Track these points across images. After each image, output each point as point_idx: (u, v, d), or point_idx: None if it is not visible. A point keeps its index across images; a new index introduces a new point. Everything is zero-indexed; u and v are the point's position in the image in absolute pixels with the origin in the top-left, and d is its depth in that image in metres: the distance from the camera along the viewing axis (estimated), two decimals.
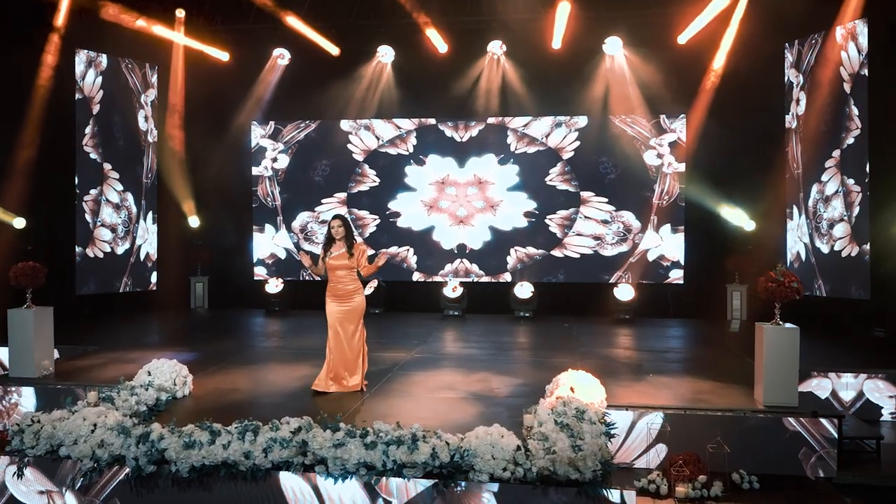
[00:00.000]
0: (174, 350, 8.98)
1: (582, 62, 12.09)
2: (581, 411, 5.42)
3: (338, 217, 7.00)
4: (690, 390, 6.97)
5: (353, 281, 6.94)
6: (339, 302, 6.91)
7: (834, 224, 10.61)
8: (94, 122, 12.02)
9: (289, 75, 12.86)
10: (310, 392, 6.80)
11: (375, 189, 13.19)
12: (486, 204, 12.91)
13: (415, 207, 13.12)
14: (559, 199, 12.76)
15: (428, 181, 13.03)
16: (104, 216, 12.22)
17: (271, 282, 12.76)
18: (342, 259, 6.88)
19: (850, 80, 10.25)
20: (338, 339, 6.88)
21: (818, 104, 10.83)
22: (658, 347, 9.51)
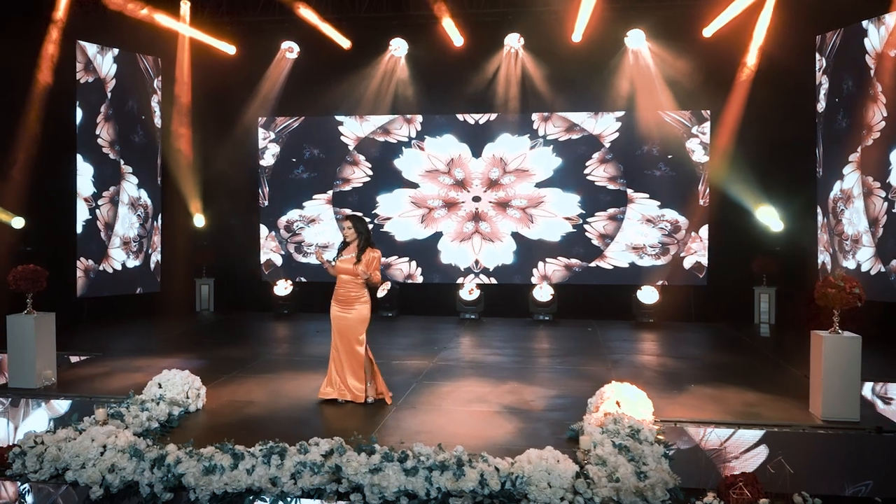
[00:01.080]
0: (182, 357, 8.54)
1: (604, 56, 11.58)
2: (635, 430, 4.98)
3: (349, 218, 6.56)
4: (739, 402, 6.54)
5: (359, 288, 6.50)
6: (341, 308, 6.55)
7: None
8: (107, 114, 11.59)
9: (297, 70, 12.36)
10: (331, 406, 6.34)
11: (368, 184, 12.55)
12: (513, 205, 12.32)
13: (411, 210, 12.46)
14: (603, 198, 12.06)
15: (428, 172, 12.41)
16: (118, 228, 11.83)
17: (280, 284, 12.28)
18: (348, 264, 6.46)
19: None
20: (341, 345, 6.53)
21: (841, 99, 10.43)
22: (690, 354, 9.06)
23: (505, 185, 12.28)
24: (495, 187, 12.27)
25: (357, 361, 6.43)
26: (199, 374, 6.67)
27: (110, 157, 11.68)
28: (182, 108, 12.00)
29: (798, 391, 6.96)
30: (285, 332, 10.63)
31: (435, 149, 12.38)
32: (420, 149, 12.38)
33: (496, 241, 12.33)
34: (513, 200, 12.24)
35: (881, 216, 9.88)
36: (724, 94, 11.15)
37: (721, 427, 5.79)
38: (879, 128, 10.19)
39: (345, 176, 12.59)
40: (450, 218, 12.42)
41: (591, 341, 9.80)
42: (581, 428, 5.44)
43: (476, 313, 11.70)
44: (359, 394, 6.40)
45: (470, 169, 12.36)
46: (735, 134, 11.23)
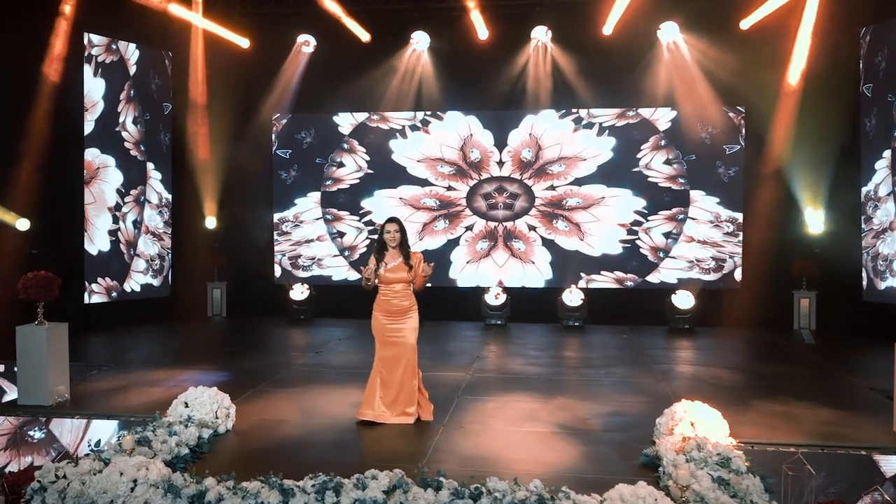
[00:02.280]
0: (200, 369, 8.01)
1: (637, 50, 11.07)
2: (725, 458, 4.46)
3: (394, 220, 6.02)
4: (813, 420, 6.04)
5: (409, 295, 6.02)
6: (392, 319, 5.97)
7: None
8: (128, 112, 11.17)
9: (314, 64, 11.81)
10: (371, 427, 5.81)
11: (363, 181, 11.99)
12: (565, 207, 11.75)
13: (410, 216, 11.74)
14: (662, 199, 11.47)
15: (436, 166, 11.94)
16: (141, 247, 11.45)
17: (296, 287, 11.74)
18: (400, 271, 5.92)
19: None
20: (389, 362, 5.93)
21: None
22: (741, 364, 8.53)
23: (554, 173, 11.62)
24: (542, 176, 11.65)
25: (411, 377, 5.91)
26: (223, 389, 6.14)
27: (138, 158, 11.31)
28: (195, 105, 11.47)
29: (873, 407, 6.49)
30: (305, 340, 10.09)
31: (442, 130, 11.81)
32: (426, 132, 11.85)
33: (527, 261, 11.73)
34: (566, 200, 11.57)
35: None
36: (763, 90, 10.65)
37: (803, 449, 5.28)
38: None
39: (336, 175, 12.03)
40: (455, 229, 11.84)
41: (630, 349, 9.29)
42: (656, 453, 4.93)
43: (502, 318, 11.18)
44: (409, 419, 5.88)
45: (486, 146, 11.68)
46: (775, 131, 10.74)
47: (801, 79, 10.33)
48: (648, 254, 11.45)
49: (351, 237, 12.06)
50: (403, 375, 5.90)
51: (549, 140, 11.56)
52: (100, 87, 10.77)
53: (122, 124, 11.06)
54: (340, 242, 12.09)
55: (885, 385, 7.21)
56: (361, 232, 12.02)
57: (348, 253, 12.06)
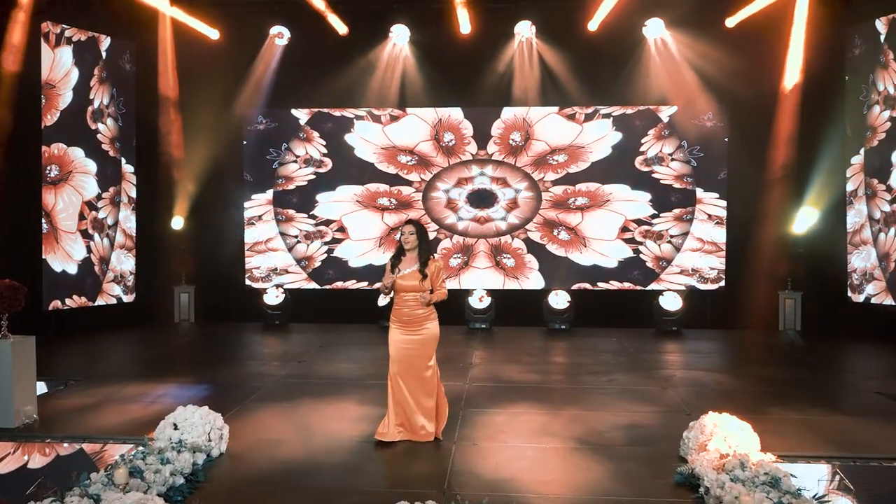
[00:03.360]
0: (177, 382, 7.47)
1: (623, 46, 10.84)
2: (774, 478, 4.18)
3: (411, 222, 5.60)
4: (834, 430, 5.84)
5: (425, 305, 5.54)
6: (407, 330, 5.51)
7: None
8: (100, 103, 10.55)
9: (289, 58, 11.26)
10: (379, 446, 5.39)
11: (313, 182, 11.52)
12: (570, 206, 11.50)
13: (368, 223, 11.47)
14: (666, 199, 11.22)
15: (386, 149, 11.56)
16: (114, 263, 10.86)
17: (270, 291, 11.19)
18: (413, 279, 5.47)
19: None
20: (406, 376, 5.49)
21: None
22: (742, 369, 8.33)
23: (555, 164, 11.28)
24: (542, 167, 11.29)
25: (428, 391, 5.49)
26: (206, 405, 5.63)
27: (110, 154, 10.74)
28: (163, 98, 10.82)
29: (888, 413, 6.33)
30: (284, 348, 9.58)
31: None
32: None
33: (520, 277, 11.40)
34: (572, 199, 11.24)
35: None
36: (748, 88, 10.52)
37: (835, 461, 5.06)
38: (885, 128, 9.81)
39: (286, 173, 11.52)
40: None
41: (624, 354, 9.04)
42: (691, 471, 4.63)
43: (487, 322, 10.84)
44: (428, 435, 5.46)
45: (464, 133, 11.28)
46: (760, 131, 10.64)
47: (787, 78, 10.27)
48: (651, 264, 11.23)
49: (304, 246, 11.53)
50: (419, 392, 5.47)
51: (543, 128, 11.24)
52: (72, 76, 10.13)
53: (95, 118, 10.39)
54: (301, 252, 11.54)
55: (890, 388, 7.16)
56: (313, 241, 11.48)
57: (306, 263, 11.51)
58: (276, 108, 11.42)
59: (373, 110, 11.32)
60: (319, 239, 11.47)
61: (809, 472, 4.84)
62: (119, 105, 10.78)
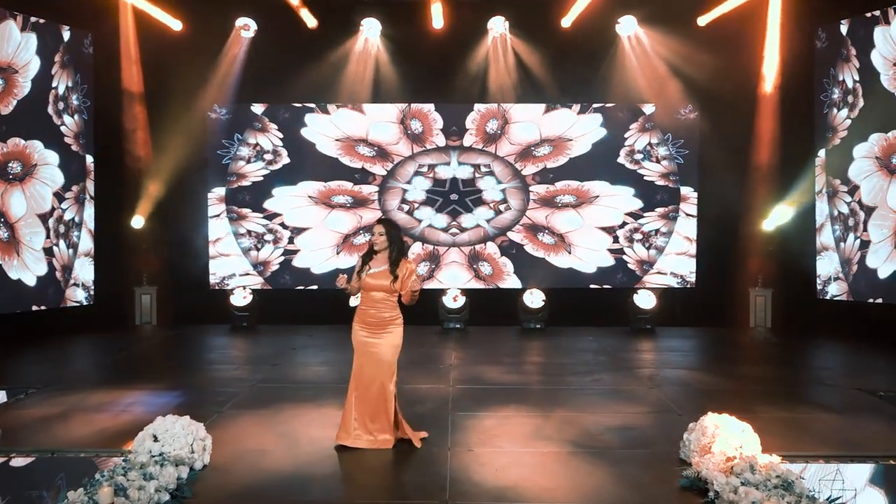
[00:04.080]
0: (146, 389, 7.11)
1: (597, 43, 10.78)
2: (786, 481, 4.11)
3: (382, 222, 5.37)
4: (825, 428, 5.85)
5: (392, 308, 5.32)
6: (370, 332, 5.28)
7: None
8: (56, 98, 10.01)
9: (255, 51, 10.88)
10: (371, 454, 5.16)
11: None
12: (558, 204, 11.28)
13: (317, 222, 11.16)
14: (652, 196, 11.14)
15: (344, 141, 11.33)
16: (77, 270, 10.37)
17: (237, 292, 10.82)
18: (382, 279, 5.24)
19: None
20: (363, 380, 5.28)
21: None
22: (722, 367, 8.29)
23: (541, 156, 11.12)
24: (528, 159, 11.14)
25: (386, 398, 5.25)
26: (181, 413, 5.31)
27: (73, 149, 10.25)
28: (124, 91, 10.37)
29: (873, 410, 6.37)
30: (255, 351, 9.24)
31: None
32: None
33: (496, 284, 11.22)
34: (560, 196, 11.12)
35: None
36: (719, 87, 10.56)
37: (834, 462, 5.04)
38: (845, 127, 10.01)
39: (240, 170, 11.12)
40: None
41: (604, 353, 8.98)
42: (697, 475, 4.54)
43: (461, 322, 10.66)
44: (387, 444, 5.24)
45: (434, 122, 11.05)
46: (727, 128, 10.68)
47: (761, 76, 10.36)
48: (635, 267, 11.21)
49: (259, 249, 11.16)
50: (378, 396, 5.25)
51: (523, 119, 11.11)
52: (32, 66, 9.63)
53: (59, 111, 9.91)
54: (256, 256, 11.18)
55: (869, 384, 7.23)
56: (264, 242, 11.14)
57: (262, 268, 11.15)
58: (243, 103, 11.04)
59: (338, 106, 11.02)
60: (274, 243, 11.10)
61: (810, 473, 4.80)
62: (81, 97, 10.26)
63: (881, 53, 9.57)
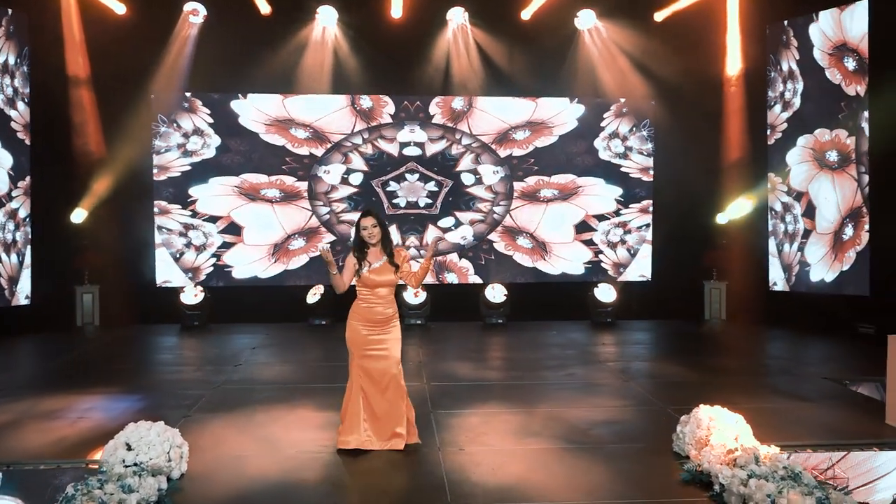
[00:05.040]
0: (101, 394, 6.68)
1: (558, 36, 10.75)
2: (793, 472, 4.09)
3: (371, 214, 5.11)
4: (806, 418, 5.93)
5: (392, 303, 5.14)
6: (376, 329, 5.06)
7: None
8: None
9: (204, 39, 10.39)
10: (356, 457, 4.92)
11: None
12: (540, 198, 11.14)
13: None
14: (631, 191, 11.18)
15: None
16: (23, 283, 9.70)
17: (188, 290, 10.34)
18: (386, 272, 5.04)
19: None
20: (374, 379, 5.04)
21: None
22: (690, 359, 8.23)
23: (519, 140, 11.01)
24: (507, 144, 11.06)
25: (401, 395, 5.07)
26: (143, 418, 4.94)
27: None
28: (65, 77, 9.75)
29: (844, 398, 6.51)
30: (212, 351, 8.82)
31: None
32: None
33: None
34: (542, 190, 11.05)
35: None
36: (673, 81, 10.67)
37: (822, 451, 5.08)
38: (782, 128, 10.32)
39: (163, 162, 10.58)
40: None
41: (571, 347, 8.96)
42: (699, 468, 4.49)
43: (423, 318, 10.48)
44: (400, 443, 5.04)
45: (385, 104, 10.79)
46: (685, 122, 10.81)
47: (719, 69, 10.53)
48: (611, 270, 11.23)
49: (189, 255, 10.67)
50: (392, 394, 5.06)
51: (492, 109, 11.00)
52: None
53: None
54: (186, 262, 10.67)
55: (833, 373, 7.41)
56: (192, 246, 10.64)
57: (192, 275, 10.67)
58: (197, 92, 10.55)
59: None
60: (198, 249, 10.61)
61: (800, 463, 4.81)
62: (21, 83, 9.60)
63: (819, 49, 9.83)
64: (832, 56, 9.69)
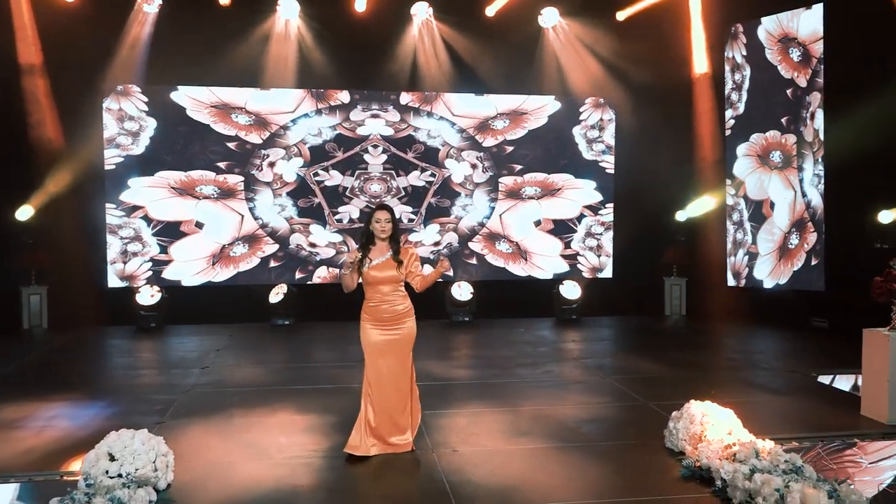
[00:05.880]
0: (65, 400, 6.33)
1: (522, 34, 10.73)
2: (795, 465, 4.15)
3: (385, 208, 4.99)
4: (785, 411, 6.07)
5: (403, 298, 4.99)
6: (385, 328, 4.91)
7: None
8: None
9: (160, 29, 9.99)
10: (353, 461, 4.78)
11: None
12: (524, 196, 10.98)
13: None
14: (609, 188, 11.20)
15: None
16: None
17: (144, 290, 9.93)
18: (388, 269, 4.89)
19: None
20: (384, 380, 4.90)
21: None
22: (663, 355, 8.27)
23: (499, 129, 10.97)
24: (485, 132, 11.02)
25: (406, 397, 4.93)
26: (114, 425, 4.72)
27: None
28: (19, 67, 9.24)
29: (815, 392, 6.68)
30: (176, 353, 8.48)
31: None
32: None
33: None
34: (525, 189, 11.00)
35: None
36: (634, 80, 10.80)
37: (806, 443, 5.19)
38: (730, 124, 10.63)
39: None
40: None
41: (542, 344, 8.97)
42: (697, 464, 4.52)
43: None
44: (406, 445, 4.91)
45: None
46: (648, 119, 10.93)
47: (677, 70, 10.72)
48: (588, 273, 11.26)
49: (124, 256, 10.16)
50: (402, 394, 4.92)
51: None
52: None
53: None
54: (121, 270, 10.17)
55: (800, 367, 7.60)
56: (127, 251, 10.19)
57: (127, 283, 10.19)
58: (150, 85, 10.14)
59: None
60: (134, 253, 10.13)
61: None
62: None
63: (767, 46, 10.12)
64: (778, 49, 9.98)
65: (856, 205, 9.00)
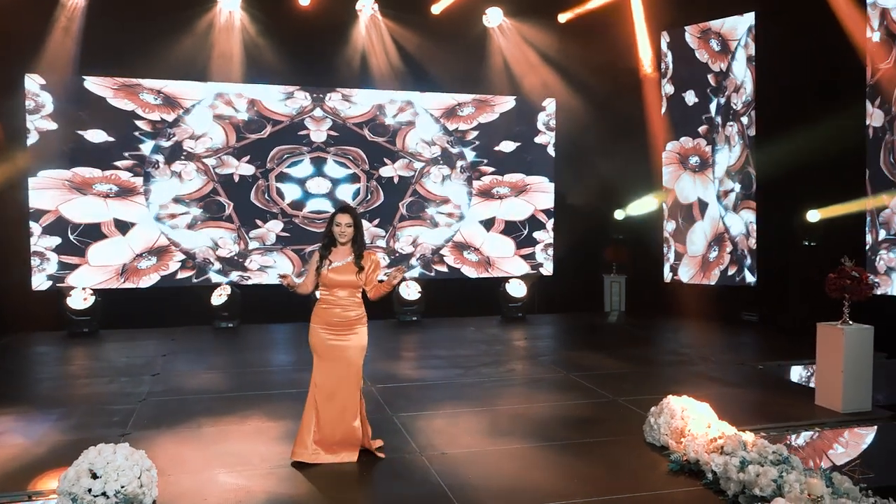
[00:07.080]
0: (10, 413, 5.89)
1: (465, 33, 10.74)
2: (782, 456, 4.33)
3: (347, 211, 4.87)
4: (746, 403, 6.32)
5: (358, 305, 4.85)
6: (336, 333, 4.78)
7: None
8: None
9: (91, 18, 9.42)
10: (332, 471, 4.66)
11: None
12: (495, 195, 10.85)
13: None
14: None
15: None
16: None
17: (76, 293, 9.36)
18: (348, 273, 4.77)
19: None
20: (328, 387, 4.76)
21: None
22: (616, 351, 8.43)
23: (465, 116, 11.04)
24: (452, 119, 11.12)
25: (353, 407, 4.79)
26: (69, 437, 4.55)
27: None
28: None
29: (767, 383, 7.01)
30: (119, 359, 7.96)
31: None
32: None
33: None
34: (496, 188, 11.17)
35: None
36: (575, 80, 11.02)
37: (773, 432, 5.43)
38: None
39: None
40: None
41: (497, 343, 9.02)
42: (685, 458, 4.65)
43: None
44: (352, 455, 4.80)
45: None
46: (582, 122, 11.14)
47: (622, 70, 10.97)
48: (546, 272, 11.40)
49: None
50: (345, 404, 4.77)
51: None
52: None
53: None
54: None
55: (746, 358, 7.96)
56: None
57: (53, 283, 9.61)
58: (75, 76, 9.55)
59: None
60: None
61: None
62: None
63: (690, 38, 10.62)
64: (699, 39, 10.47)
65: (785, 206, 9.52)
